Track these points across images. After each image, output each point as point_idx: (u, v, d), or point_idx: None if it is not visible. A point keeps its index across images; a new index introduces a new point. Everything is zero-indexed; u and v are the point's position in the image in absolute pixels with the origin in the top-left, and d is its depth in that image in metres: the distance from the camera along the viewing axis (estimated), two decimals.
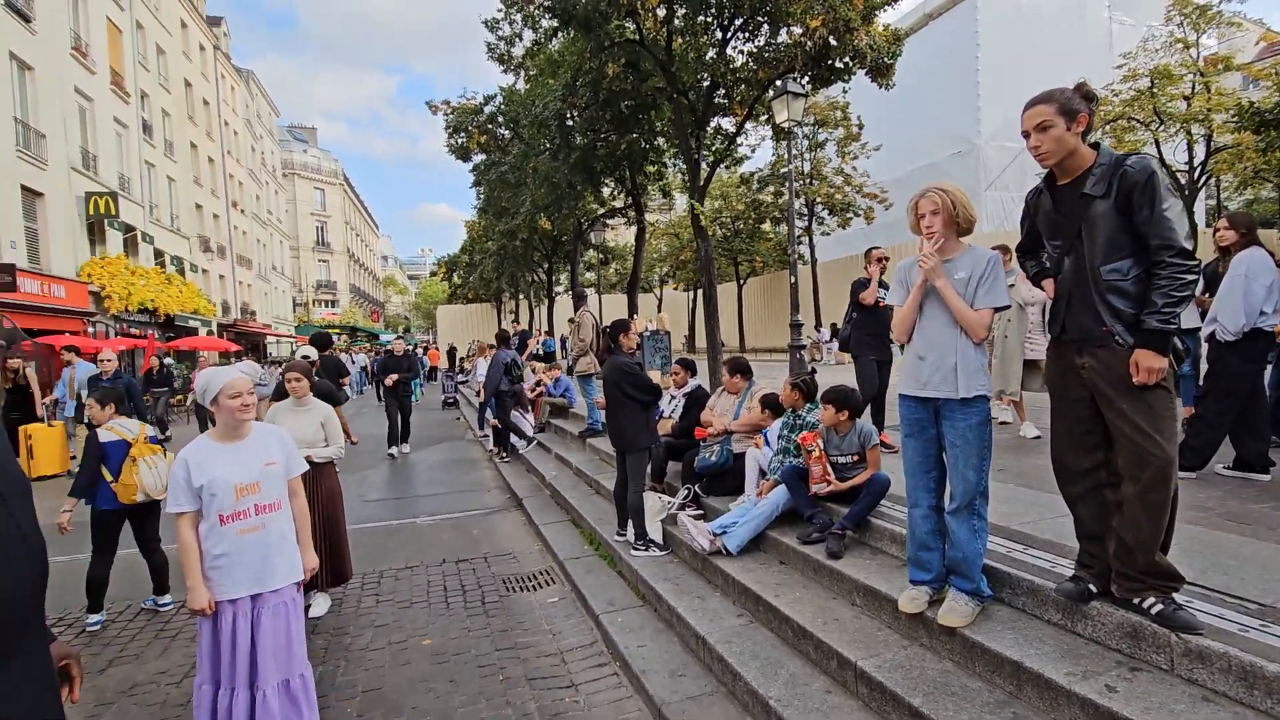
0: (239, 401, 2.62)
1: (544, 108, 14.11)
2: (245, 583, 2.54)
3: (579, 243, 22.15)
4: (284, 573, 2.65)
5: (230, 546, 2.52)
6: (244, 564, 2.54)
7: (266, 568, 2.60)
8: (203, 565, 2.53)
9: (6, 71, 16.14)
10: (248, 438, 2.70)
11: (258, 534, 2.59)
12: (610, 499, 6.03)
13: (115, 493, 4.09)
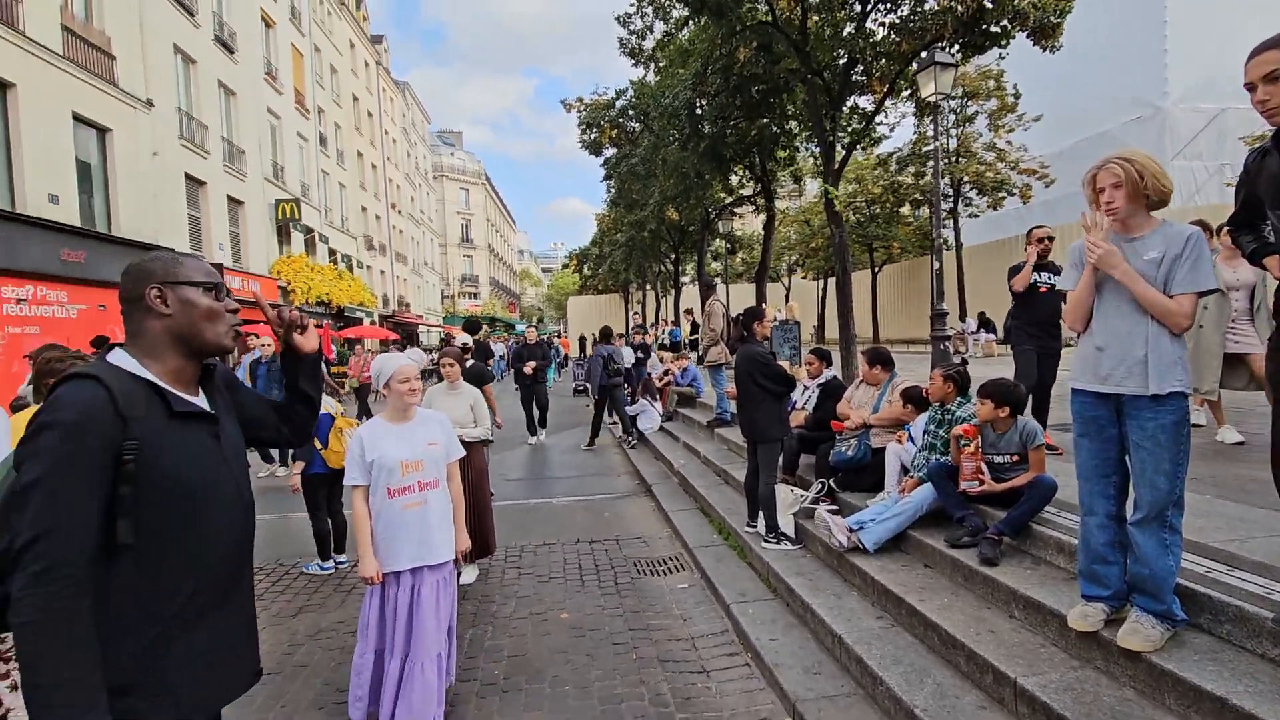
0: (408, 386, 2.88)
1: (673, 98, 14.16)
2: (407, 556, 2.76)
3: (706, 232, 22.08)
4: (443, 549, 2.86)
5: (395, 520, 2.76)
6: (407, 538, 2.76)
7: (427, 543, 2.81)
8: (377, 536, 2.78)
9: (217, 98, 18.79)
10: (414, 419, 2.96)
11: (419, 510, 2.81)
12: (739, 489, 5.99)
13: (325, 459, 4.68)
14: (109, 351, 1.38)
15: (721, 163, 15.50)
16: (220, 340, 1.45)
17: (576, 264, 39.86)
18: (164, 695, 1.28)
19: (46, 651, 1.11)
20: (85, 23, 13.75)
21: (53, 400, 1.22)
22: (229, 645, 1.43)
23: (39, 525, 1.13)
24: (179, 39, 16.94)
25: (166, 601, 1.29)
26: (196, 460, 1.35)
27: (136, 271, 1.41)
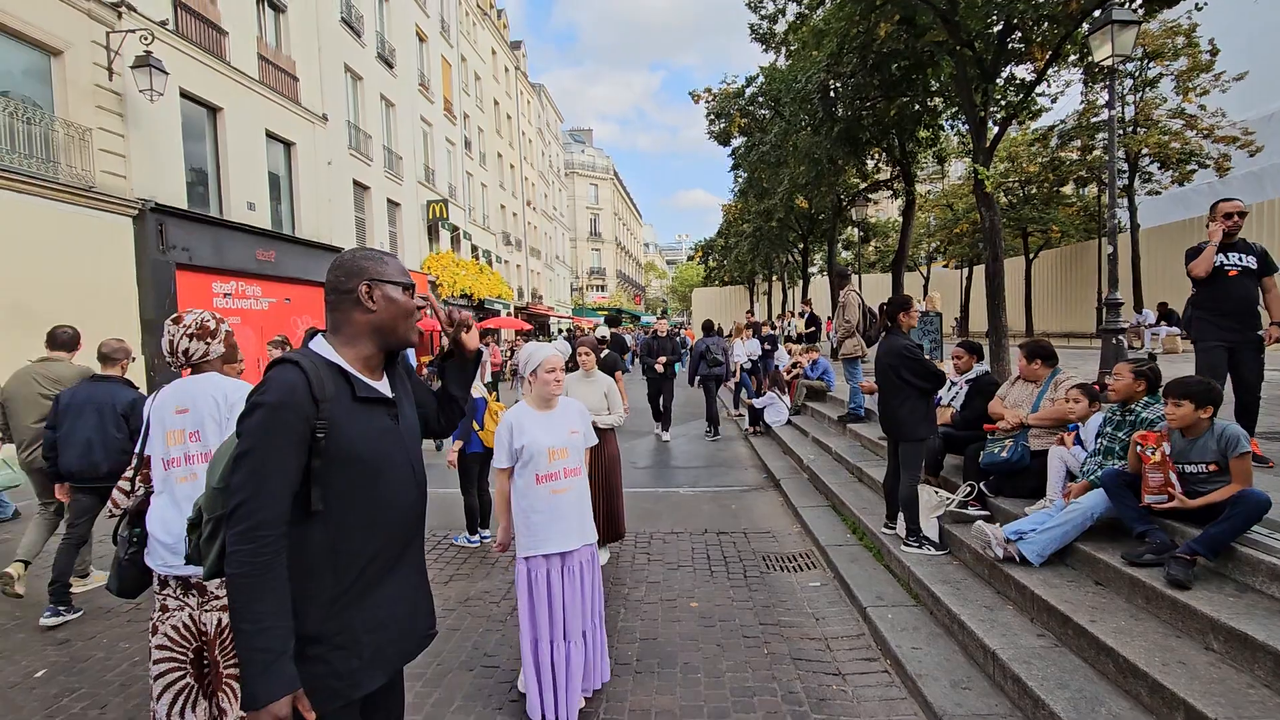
0: (553, 375, 3.01)
1: (806, 81, 13.66)
2: (556, 539, 2.87)
3: (837, 220, 21.18)
4: (587, 532, 2.98)
5: (545, 505, 2.88)
6: (556, 522, 2.88)
7: (573, 526, 2.92)
8: (520, 521, 2.91)
9: (379, 110, 20.69)
10: (557, 408, 3.09)
11: (565, 495, 2.92)
12: (875, 488, 5.73)
13: (481, 439, 5.06)
14: (311, 338, 1.55)
15: (856, 146, 14.77)
16: (409, 336, 1.59)
17: (701, 255, 39.77)
18: (349, 646, 1.43)
19: (249, 599, 1.29)
20: (275, 50, 15.65)
21: (263, 382, 1.40)
22: (404, 606, 1.58)
23: (247, 489, 1.31)
24: (349, 59, 18.83)
25: (351, 562, 1.44)
26: (376, 439, 1.49)
27: (350, 266, 1.54)
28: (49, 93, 10.30)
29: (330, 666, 1.40)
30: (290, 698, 1.29)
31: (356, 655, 1.44)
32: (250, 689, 1.27)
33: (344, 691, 1.42)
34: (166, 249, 11.87)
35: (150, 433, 2.55)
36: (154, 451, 2.53)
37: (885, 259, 36.36)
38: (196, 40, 12.85)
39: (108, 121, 11.00)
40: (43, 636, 3.84)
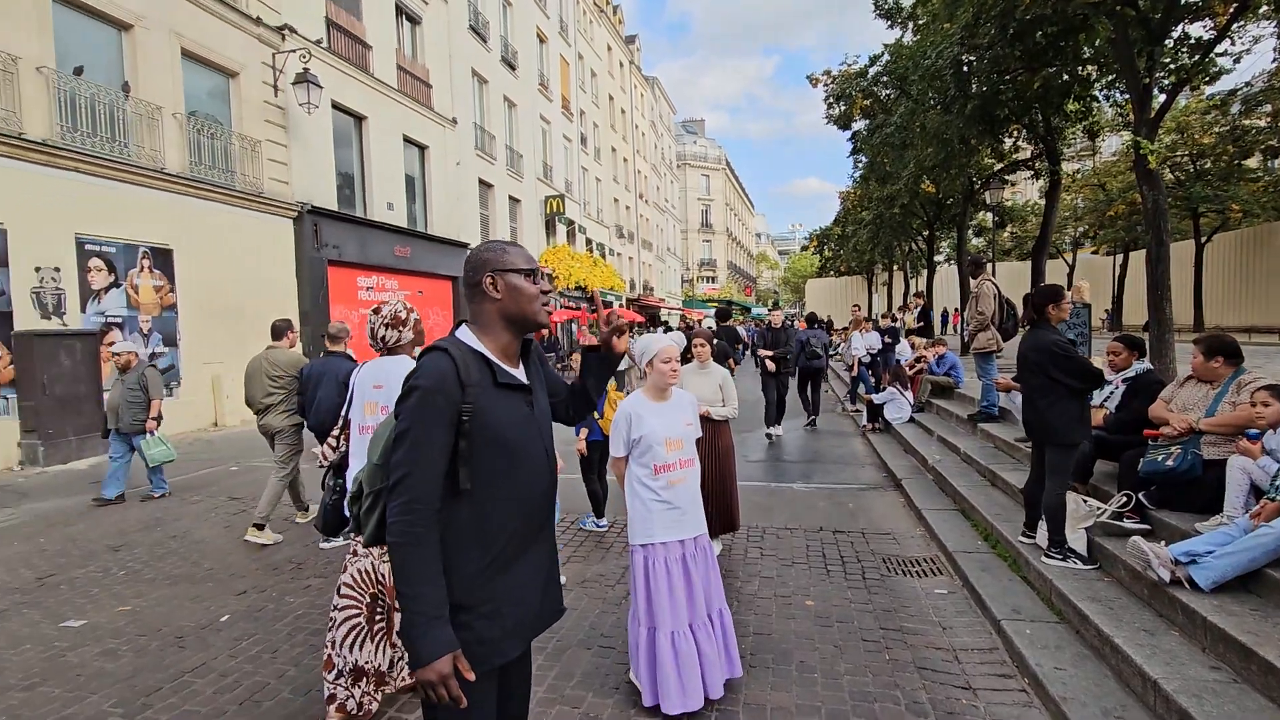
0: (669, 366, 3.04)
1: (936, 57, 12.77)
2: (674, 529, 2.92)
3: (968, 205, 19.71)
4: (702, 521, 3.02)
5: (663, 495, 2.92)
6: (671, 511, 2.92)
7: (689, 516, 2.96)
8: (636, 510, 2.95)
9: (502, 111, 21.72)
10: (672, 399, 3.12)
11: (681, 485, 2.96)
12: (1009, 493, 5.34)
13: (601, 428, 5.26)
14: (457, 327, 1.67)
15: (992, 124, 13.65)
16: (537, 317, 1.65)
17: (817, 245, 38.43)
18: (493, 616, 1.53)
19: (408, 567, 1.40)
20: (412, 60, 16.84)
21: (417, 366, 1.51)
22: (539, 581, 1.68)
23: (405, 466, 1.43)
24: (475, 63, 19.89)
25: (494, 539, 1.55)
26: (514, 423, 1.58)
27: (476, 260, 1.64)
28: (227, 110, 11.69)
29: (476, 634, 1.50)
30: (451, 657, 1.40)
31: (499, 625, 1.54)
32: (414, 650, 1.39)
33: (488, 658, 1.52)
34: (320, 247, 13.15)
35: (353, 400, 3.05)
36: (354, 418, 3.01)
37: (1023, 246, 33.44)
38: (345, 55, 14.09)
39: (273, 133, 12.32)
40: (226, 587, 4.42)
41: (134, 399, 6.37)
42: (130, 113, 9.75)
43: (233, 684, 3.16)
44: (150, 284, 10.16)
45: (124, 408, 6.36)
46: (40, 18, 8.65)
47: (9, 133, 8.14)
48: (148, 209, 9.94)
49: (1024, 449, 5.86)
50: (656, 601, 2.85)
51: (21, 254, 8.41)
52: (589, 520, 5.59)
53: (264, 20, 12.05)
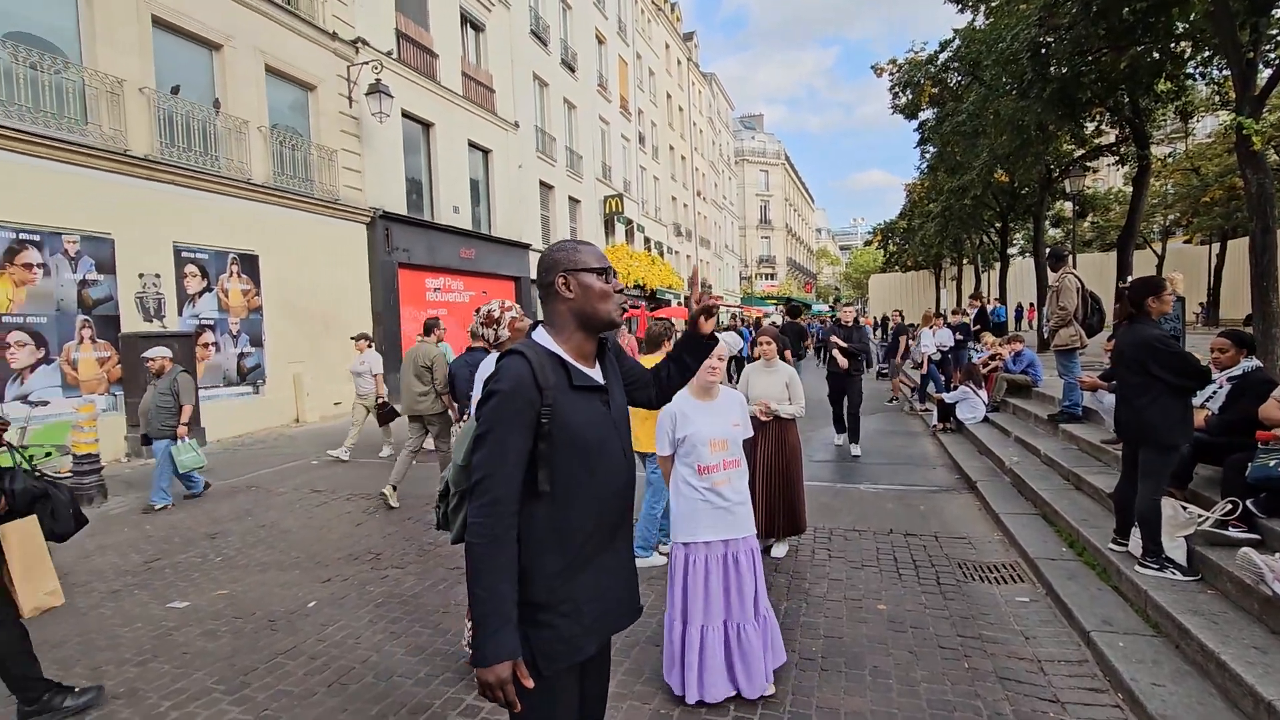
0: (709, 364, 3.03)
1: (1012, 40, 12.18)
2: (717, 529, 2.91)
3: (1046, 194, 18.71)
4: (749, 522, 3.00)
5: (707, 495, 2.92)
6: (715, 511, 2.91)
7: (735, 517, 2.94)
8: (680, 508, 2.97)
9: (562, 113, 22.03)
10: (718, 398, 3.10)
11: (726, 486, 2.94)
12: (1095, 497, 5.06)
13: None
14: (534, 329, 1.68)
15: (1073, 108, 12.89)
16: (610, 316, 1.64)
17: (881, 239, 37.32)
18: (573, 614, 1.55)
19: (484, 566, 1.43)
20: (476, 66, 17.29)
21: (496, 370, 1.53)
22: (619, 579, 1.70)
23: (485, 468, 1.46)
24: (536, 67, 20.25)
25: (573, 536, 1.56)
26: (592, 423, 1.58)
27: (548, 261, 1.64)
28: (306, 122, 12.31)
29: (557, 631, 1.53)
30: (511, 664, 1.42)
31: (579, 622, 1.56)
32: (480, 649, 1.42)
33: (568, 655, 1.54)
34: (391, 250, 13.68)
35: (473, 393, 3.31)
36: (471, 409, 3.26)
37: (1105, 236, 31.52)
38: (414, 65, 14.60)
39: (348, 143, 12.89)
40: (312, 574, 4.66)
41: (164, 404, 6.36)
42: (220, 128, 10.40)
43: (321, 666, 3.34)
44: (239, 288, 10.81)
45: (154, 413, 6.35)
46: (142, 42, 9.33)
47: (116, 150, 8.82)
48: (236, 218, 10.59)
49: (1112, 451, 5.54)
50: (692, 598, 2.88)
51: (127, 262, 9.11)
52: None
53: (339, 35, 12.63)
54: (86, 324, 8.71)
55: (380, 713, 2.92)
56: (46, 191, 8.14)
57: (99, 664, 3.42)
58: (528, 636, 1.49)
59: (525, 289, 18.85)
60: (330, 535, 5.55)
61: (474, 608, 1.44)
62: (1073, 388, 6.78)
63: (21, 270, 8.03)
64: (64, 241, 8.44)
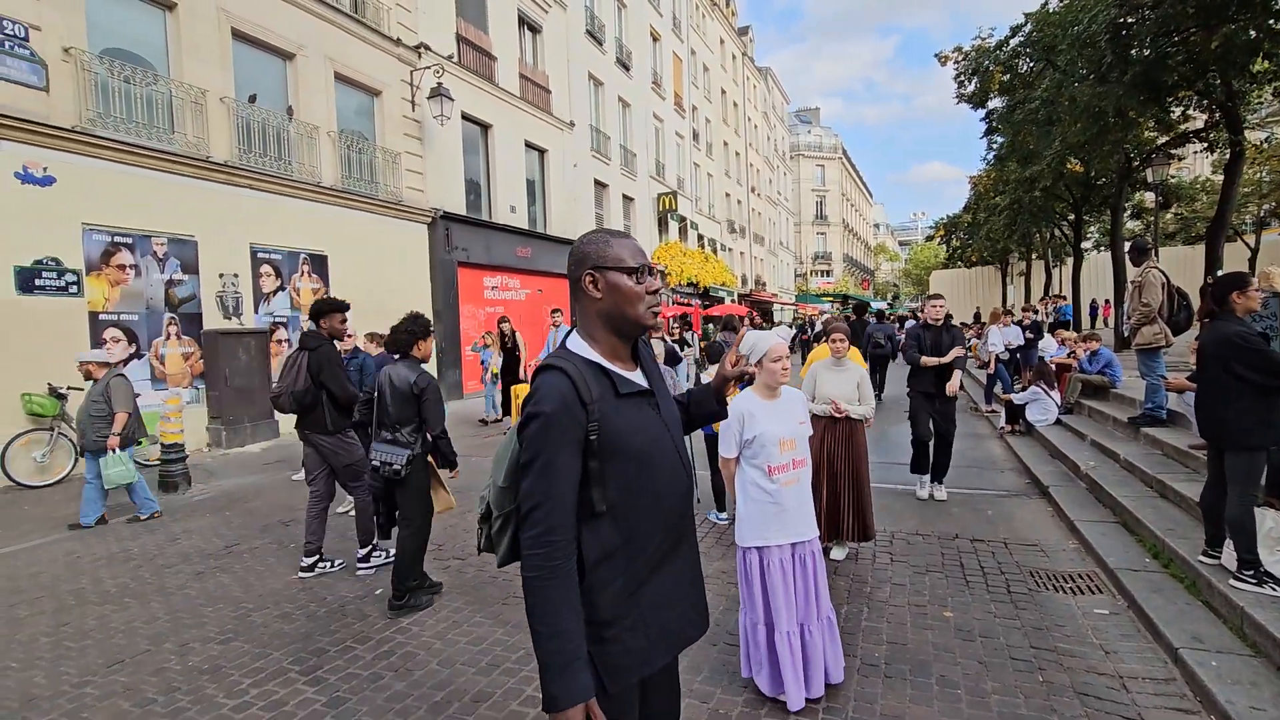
0: (780, 364, 2.96)
1: (1089, 21, 11.57)
2: (785, 531, 2.87)
3: (1124, 184, 17.66)
4: (812, 523, 2.95)
5: (777, 497, 2.86)
6: (784, 513, 2.87)
7: (801, 518, 2.91)
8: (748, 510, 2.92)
9: (616, 111, 22.14)
10: (781, 397, 3.03)
11: (795, 486, 2.90)
12: (1184, 506, 4.77)
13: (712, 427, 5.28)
14: (568, 335, 1.56)
15: (1158, 92, 12.13)
16: (641, 320, 1.50)
17: (944, 234, 36.04)
18: (639, 627, 1.47)
19: (547, 604, 1.34)
20: (533, 68, 17.55)
21: (533, 391, 1.42)
22: (685, 589, 1.60)
23: (536, 496, 1.36)
24: (591, 67, 20.40)
25: (638, 551, 1.47)
26: (643, 430, 1.48)
27: (577, 254, 1.51)
28: (372, 126, 12.75)
29: (624, 645, 1.45)
30: (584, 706, 1.33)
31: (645, 634, 1.48)
32: (549, 691, 1.32)
33: (635, 669, 1.47)
34: (451, 250, 14.05)
35: None
36: None
37: (1190, 228, 29.53)
38: (473, 68, 14.93)
39: (410, 145, 13.30)
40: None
41: (97, 412, 5.64)
42: (293, 133, 10.89)
43: (387, 652, 3.45)
44: (309, 287, 11.31)
45: (87, 423, 5.66)
46: (223, 54, 9.86)
47: (199, 156, 9.36)
48: (306, 219, 11.07)
49: (1200, 457, 5.19)
50: (774, 603, 2.83)
51: (209, 262, 9.65)
52: (713, 513, 5.60)
53: (403, 41, 13.02)
54: (173, 321, 9.28)
55: (444, 699, 3.00)
56: (137, 196, 8.70)
57: (186, 641, 3.63)
58: (592, 655, 1.40)
59: None
60: None
61: (537, 647, 1.35)
62: (1156, 389, 6.39)
63: (116, 271, 8.62)
64: (153, 244, 9.01)
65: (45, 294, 7.84)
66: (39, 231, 7.76)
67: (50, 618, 3.97)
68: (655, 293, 1.53)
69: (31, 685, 3.20)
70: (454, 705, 2.95)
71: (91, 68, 8.26)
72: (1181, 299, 6.26)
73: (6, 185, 7.49)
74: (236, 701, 3.02)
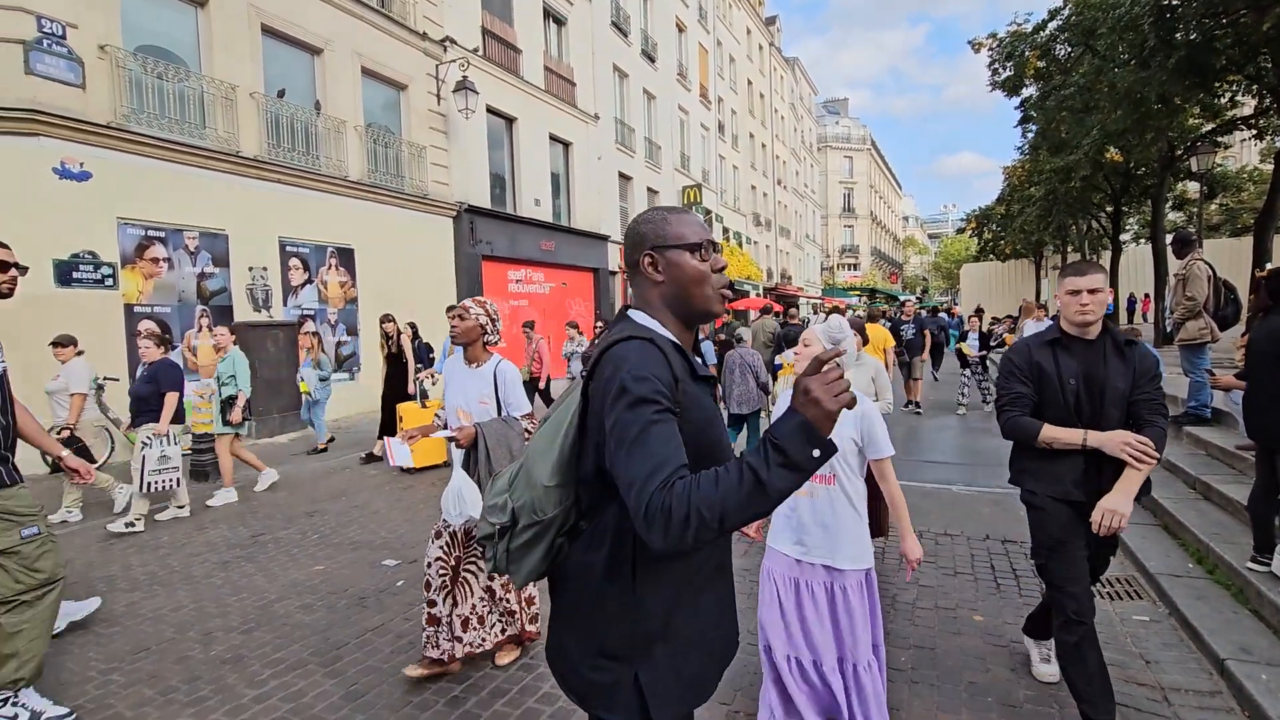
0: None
1: (1131, 4, 11.15)
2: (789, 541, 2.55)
3: (1167, 174, 17.03)
4: (831, 550, 2.49)
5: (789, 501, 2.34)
6: (789, 521, 2.57)
7: (812, 538, 2.50)
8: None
9: (641, 104, 22.01)
10: None
11: (807, 500, 2.53)
12: (1229, 509, 4.57)
13: None
14: (622, 315, 1.42)
15: (1204, 76, 11.64)
16: (709, 305, 1.37)
17: (975, 226, 35.22)
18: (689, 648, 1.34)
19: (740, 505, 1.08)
20: (558, 60, 17.51)
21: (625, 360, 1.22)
22: (728, 607, 1.46)
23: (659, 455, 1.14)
24: (616, 58, 20.29)
25: (701, 565, 1.36)
26: (711, 422, 1.35)
27: (633, 236, 1.39)
28: (398, 120, 12.83)
29: (676, 672, 1.32)
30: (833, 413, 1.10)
31: (694, 659, 1.36)
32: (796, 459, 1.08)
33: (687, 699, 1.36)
34: (476, 243, 14.11)
35: None
36: None
37: (1236, 219, 28.43)
38: (498, 61, 14.94)
39: (436, 139, 13.36)
40: (400, 555, 4.85)
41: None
42: (321, 128, 11.00)
43: (407, 645, 3.45)
44: (337, 280, 11.45)
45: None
46: (253, 50, 9.99)
47: (229, 151, 9.50)
48: (334, 213, 11.19)
49: (1248, 458, 4.96)
50: (788, 617, 2.51)
51: (239, 255, 9.81)
52: None
53: (429, 35, 13.07)
54: (204, 313, 9.46)
55: (463, 693, 2.98)
56: (170, 191, 8.87)
57: (210, 630, 3.68)
58: (637, 678, 1.28)
59: (604, 280, 19.01)
60: (417, 517, 5.77)
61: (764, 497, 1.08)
62: (1201, 387, 6.13)
63: (149, 264, 8.80)
64: (185, 237, 9.19)
65: (82, 286, 8.04)
66: (76, 226, 7.96)
67: None
68: (721, 271, 1.38)
69: (61, 670, 3.26)
70: (471, 700, 2.93)
71: (126, 65, 8.42)
72: (1229, 293, 6.00)
73: (45, 181, 7.68)
74: (256, 692, 3.04)
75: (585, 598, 1.33)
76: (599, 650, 1.32)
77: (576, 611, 1.36)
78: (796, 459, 1.08)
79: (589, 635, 1.33)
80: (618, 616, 1.30)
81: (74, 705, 2.94)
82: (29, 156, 7.59)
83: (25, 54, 7.50)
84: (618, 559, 1.29)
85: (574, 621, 1.37)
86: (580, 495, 1.33)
